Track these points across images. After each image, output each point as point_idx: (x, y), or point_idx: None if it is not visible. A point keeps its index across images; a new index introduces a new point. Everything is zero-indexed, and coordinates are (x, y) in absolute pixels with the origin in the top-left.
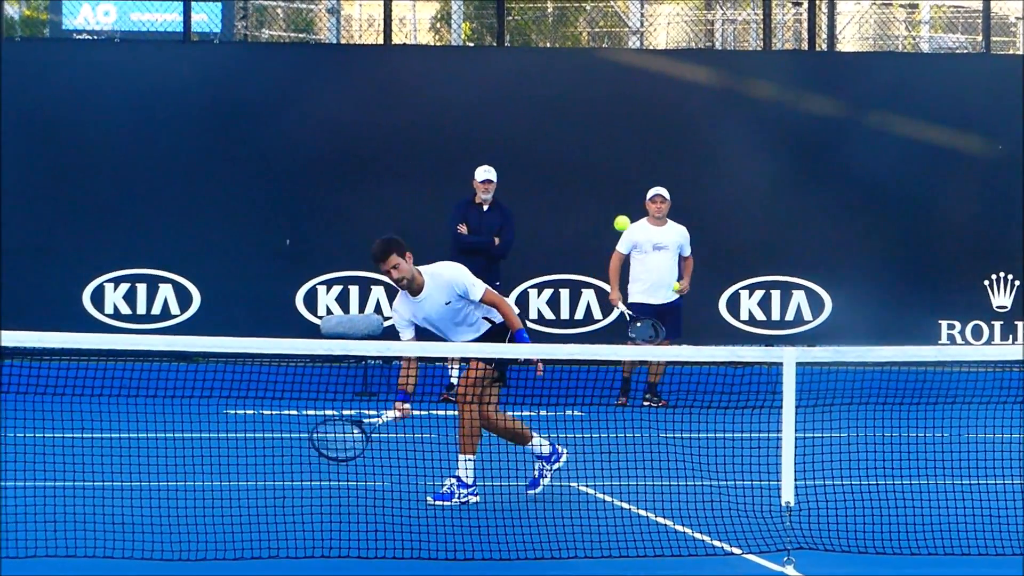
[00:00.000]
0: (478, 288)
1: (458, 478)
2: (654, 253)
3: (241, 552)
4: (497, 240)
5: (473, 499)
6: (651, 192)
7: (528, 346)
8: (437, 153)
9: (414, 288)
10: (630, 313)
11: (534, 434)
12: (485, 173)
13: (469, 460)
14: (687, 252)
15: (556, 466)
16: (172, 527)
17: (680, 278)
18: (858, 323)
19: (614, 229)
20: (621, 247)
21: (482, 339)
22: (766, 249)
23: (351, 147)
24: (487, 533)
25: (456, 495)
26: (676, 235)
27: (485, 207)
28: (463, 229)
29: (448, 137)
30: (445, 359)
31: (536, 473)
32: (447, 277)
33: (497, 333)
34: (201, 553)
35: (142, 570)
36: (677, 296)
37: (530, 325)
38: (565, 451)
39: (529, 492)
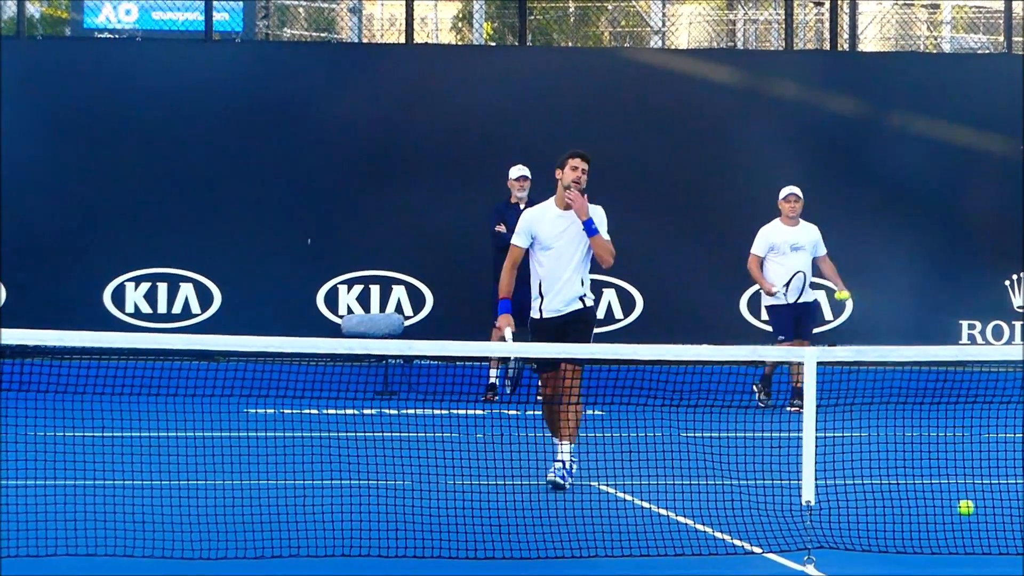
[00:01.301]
0: (607, 237)
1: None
2: (792, 254)
3: (261, 551)
4: None
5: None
6: (784, 191)
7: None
8: (458, 152)
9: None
10: (785, 291)
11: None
12: (519, 170)
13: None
14: (822, 251)
15: (556, 477)
16: (193, 526)
17: (822, 281)
18: (879, 323)
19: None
20: (758, 250)
21: (571, 322)
22: None
23: (372, 146)
24: (508, 532)
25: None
26: (811, 234)
27: (522, 206)
28: (501, 228)
29: (469, 136)
30: (487, 359)
31: (561, 471)
32: (599, 211)
33: (584, 321)
34: (221, 552)
35: (162, 569)
36: (815, 298)
37: None
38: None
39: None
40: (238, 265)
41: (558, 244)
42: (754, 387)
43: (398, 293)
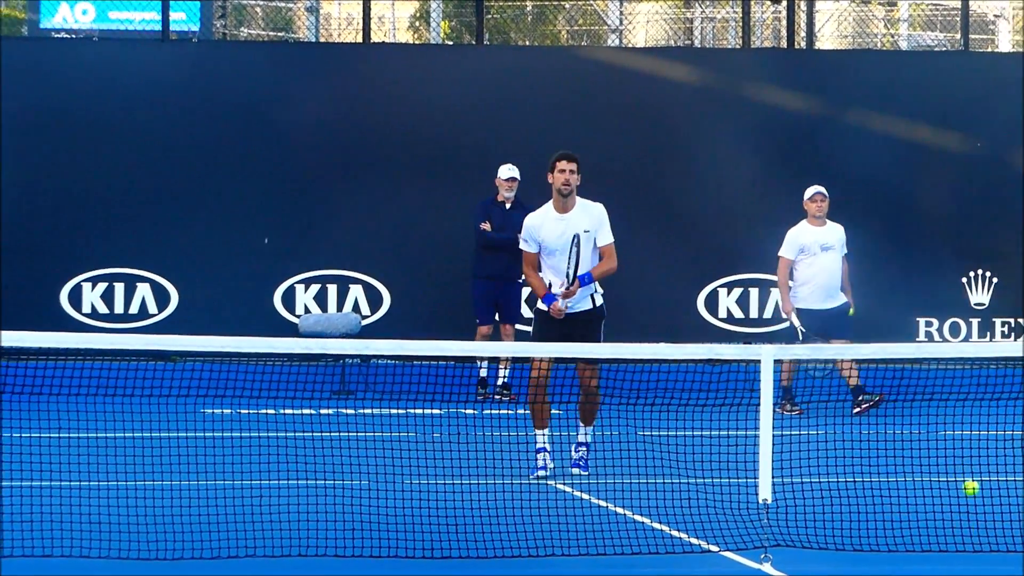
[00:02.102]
0: (609, 234)
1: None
2: (823, 254)
3: (217, 551)
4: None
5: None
6: (810, 191)
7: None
8: (416, 152)
9: (569, 203)
10: (803, 329)
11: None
12: (509, 171)
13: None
14: (844, 251)
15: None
16: (149, 526)
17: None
18: None
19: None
20: (787, 252)
21: (580, 318)
22: (745, 246)
23: (329, 146)
24: (464, 531)
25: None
26: (839, 233)
27: (507, 205)
28: (486, 227)
29: (427, 136)
30: (445, 358)
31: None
32: (598, 208)
33: (590, 319)
34: (177, 552)
35: (118, 570)
36: (845, 300)
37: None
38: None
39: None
40: (195, 265)
41: (559, 245)
42: (781, 409)
43: (355, 292)
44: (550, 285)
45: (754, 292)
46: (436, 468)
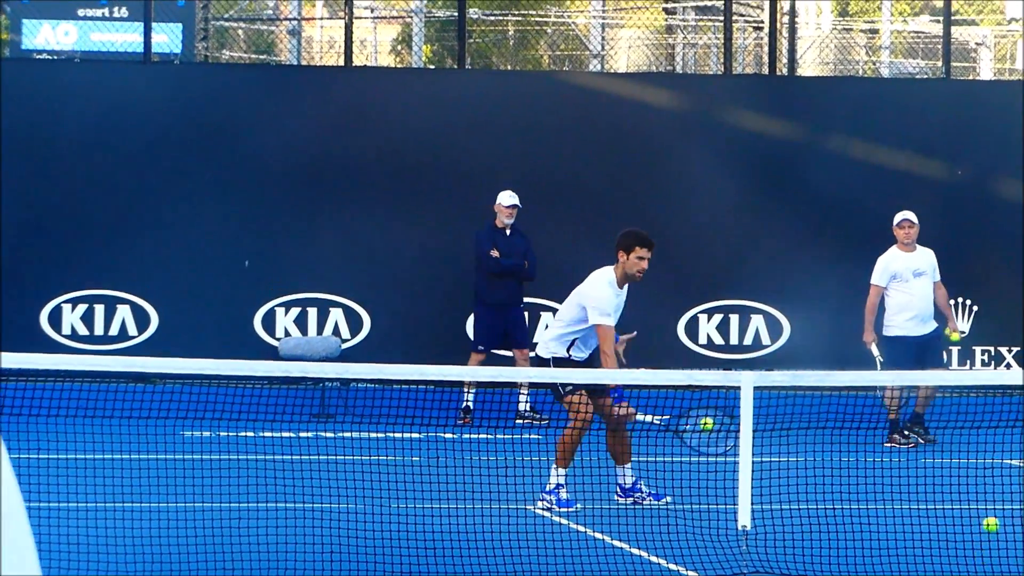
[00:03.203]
0: None
1: (638, 483)
2: (915, 280)
3: (195, 573)
4: (526, 263)
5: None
6: (898, 217)
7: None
8: (397, 175)
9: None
10: (880, 359)
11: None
12: (511, 198)
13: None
14: (937, 277)
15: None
16: (128, 548)
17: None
18: (816, 348)
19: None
20: (879, 280)
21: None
22: (725, 273)
23: (311, 168)
24: (443, 555)
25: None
26: (931, 258)
27: (507, 231)
28: (496, 253)
29: (408, 159)
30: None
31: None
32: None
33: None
34: (156, 574)
35: None
36: (937, 327)
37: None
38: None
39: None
40: (175, 287)
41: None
42: (891, 443)
43: (335, 316)
44: (572, 343)
45: (734, 318)
46: (415, 492)
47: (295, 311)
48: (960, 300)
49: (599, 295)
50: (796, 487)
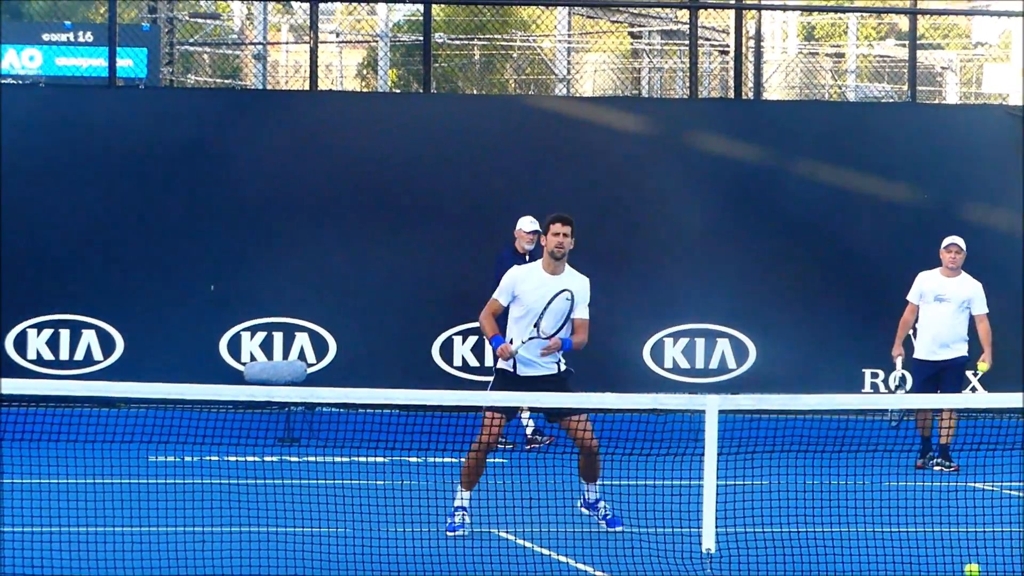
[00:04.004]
0: (587, 310)
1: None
2: (935, 304)
3: None
4: None
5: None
6: (946, 241)
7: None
8: (363, 200)
9: (559, 267)
10: (900, 376)
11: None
12: (532, 224)
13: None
14: (979, 310)
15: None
16: (94, 572)
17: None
18: (783, 371)
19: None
20: (910, 295)
21: (542, 380)
22: (691, 296)
23: (276, 193)
24: None
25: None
26: (966, 290)
27: (527, 258)
28: None
29: (374, 183)
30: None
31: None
32: (584, 281)
33: (554, 383)
34: None
35: None
36: (962, 355)
37: (453, 372)
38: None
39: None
40: (141, 312)
41: (538, 306)
42: (924, 464)
43: (301, 340)
44: (511, 341)
45: (700, 342)
46: (380, 516)
47: (261, 335)
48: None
49: (506, 275)
50: (761, 510)
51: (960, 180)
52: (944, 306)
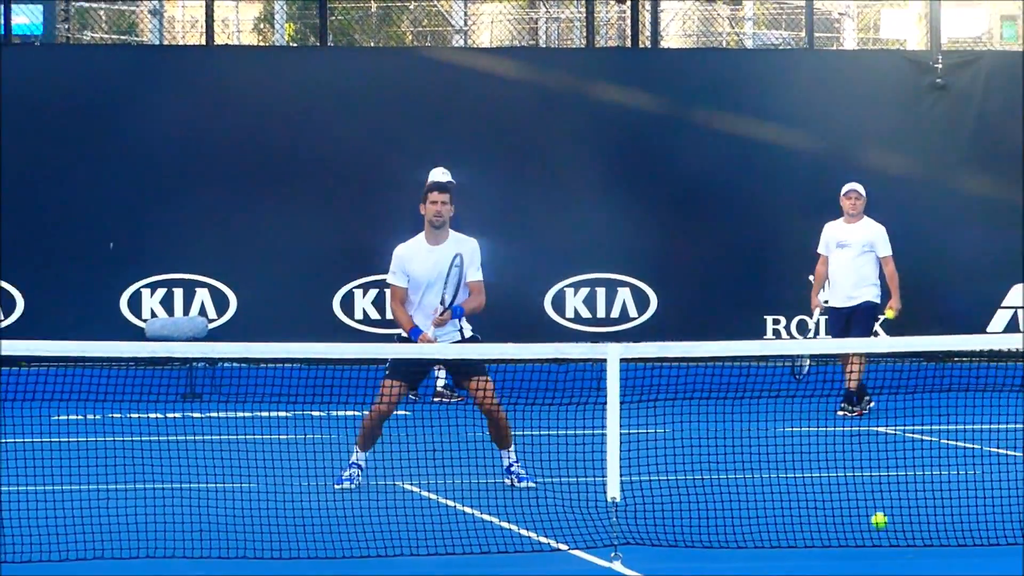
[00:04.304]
0: (479, 271)
1: (516, 464)
2: (837, 251)
3: (65, 554)
4: None
5: None
6: (845, 188)
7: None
8: (262, 154)
9: (441, 235)
10: (816, 320)
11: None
12: (444, 175)
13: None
14: (882, 252)
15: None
16: None
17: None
18: (684, 320)
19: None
20: (821, 248)
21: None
22: (591, 246)
23: (175, 148)
24: (312, 531)
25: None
26: (866, 233)
27: None
28: None
29: (272, 137)
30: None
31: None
32: (471, 243)
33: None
34: (24, 555)
35: None
36: (868, 300)
37: (355, 325)
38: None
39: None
40: (40, 270)
41: (428, 279)
42: (843, 411)
43: (202, 296)
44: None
45: (601, 291)
46: (284, 469)
47: (161, 292)
48: None
49: (393, 256)
50: (664, 459)
51: (858, 126)
52: (846, 251)
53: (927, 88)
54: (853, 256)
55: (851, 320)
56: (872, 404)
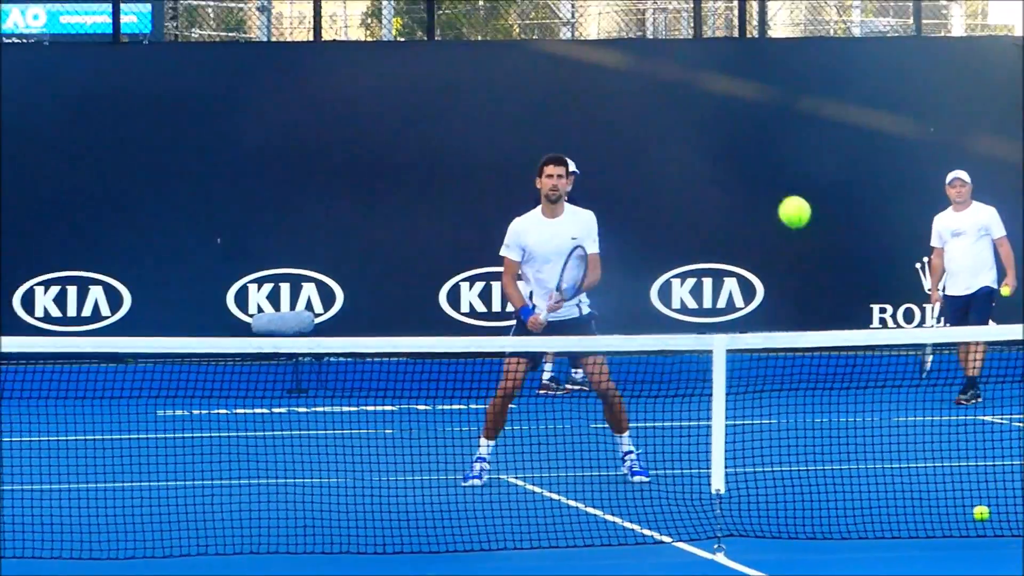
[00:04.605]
0: (596, 243)
1: (633, 455)
2: (953, 240)
3: (171, 550)
4: None
5: None
6: (949, 177)
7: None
8: (369, 149)
9: (557, 209)
10: (937, 313)
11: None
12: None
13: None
14: (997, 233)
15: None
16: (103, 527)
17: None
18: (790, 310)
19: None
20: (934, 241)
21: (565, 325)
22: (698, 237)
23: (283, 145)
24: (417, 526)
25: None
26: (979, 217)
27: None
28: None
29: (379, 133)
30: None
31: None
32: (588, 216)
33: (577, 327)
34: (131, 552)
35: (72, 569)
36: (985, 285)
37: (461, 318)
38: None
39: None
40: (147, 266)
41: (544, 253)
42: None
43: (308, 291)
44: (531, 295)
45: (707, 281)
46: (389, 464)
47: (267, 287)
48: (931, 259)
49: (508, 230)
50: (770, 450)
51: (967, 113)
52: (963, 239)
53: None
54: (971, 242)
55: (970, 306)
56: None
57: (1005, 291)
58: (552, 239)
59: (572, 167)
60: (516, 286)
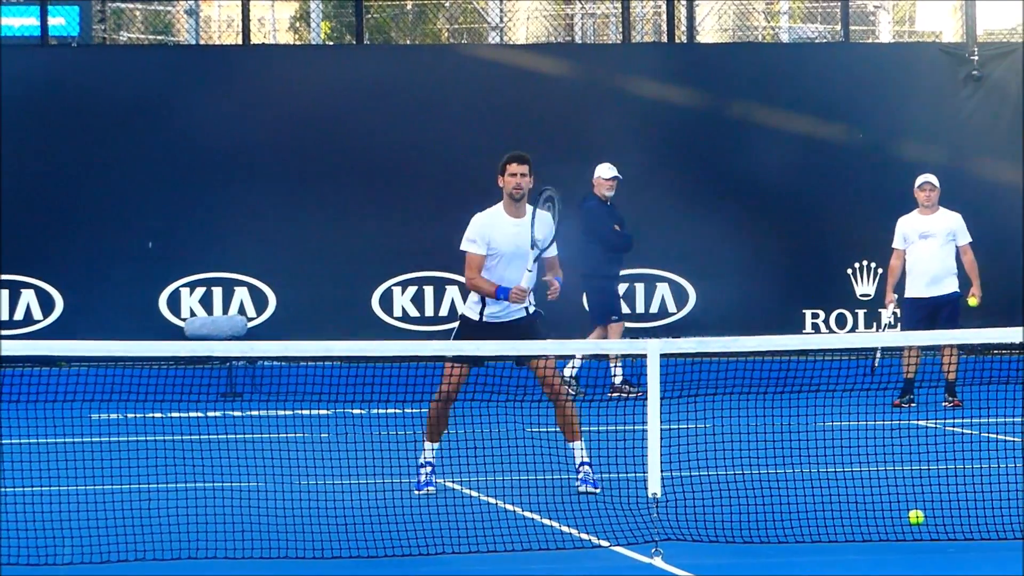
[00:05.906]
0: (555, 247)
1: (588, 465)
2: (920, 243)
3: (106, 555)
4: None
5: None
6: (919, 180)
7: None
8: (299, 152)
9: (521, 208)
10: (888, 321)
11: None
12: (611, 170)
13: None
14: (963, 240)
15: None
16: (36, 532)
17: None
18: (723, 315)
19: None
20: (894, 242)
21: (510, 326)
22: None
23: (212, 148)
24: (354, 530)
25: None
26: (947, 222)
27: (609, 204)
28: (618, 228)
29: (309, 136)
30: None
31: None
32: (552, 219)
33: (523, 328)
34: (65, 558)
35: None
36: (954, 290)
37: (394, 322)
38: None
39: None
40: (80, 270)
41: (509, 251)
42: (901, 404)
43: (240, 295)
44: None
45: (640, 286)
46: (325, 468)
47: (200, 291)
48: (864, 263)
49: (470, 223)
50: (706, 454)
51: (895, 119)
52: (931, 242)
53: (963, 80)
54: (938, 246)
55: (940, 311)
56: (913, 404)
57: (972, 301)
58: (516, 238)
59: (614, 172)
60: (483, 277)
